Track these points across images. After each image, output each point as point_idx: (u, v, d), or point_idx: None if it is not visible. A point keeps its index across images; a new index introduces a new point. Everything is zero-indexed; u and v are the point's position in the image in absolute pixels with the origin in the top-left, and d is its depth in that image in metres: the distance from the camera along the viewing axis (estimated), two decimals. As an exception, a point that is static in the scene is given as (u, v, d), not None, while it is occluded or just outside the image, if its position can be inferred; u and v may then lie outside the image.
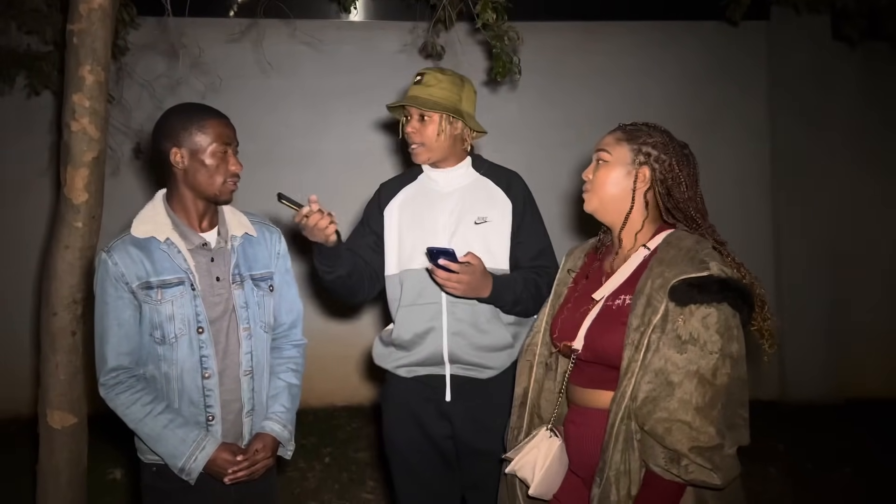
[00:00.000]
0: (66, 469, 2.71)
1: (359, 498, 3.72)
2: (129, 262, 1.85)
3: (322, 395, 4.97)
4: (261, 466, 1.91)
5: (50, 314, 2.67)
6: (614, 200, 1.76)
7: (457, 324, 2.21)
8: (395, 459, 2.34)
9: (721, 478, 1.53)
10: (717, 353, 1.55)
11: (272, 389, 2.02)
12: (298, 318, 2.13)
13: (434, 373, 2.25)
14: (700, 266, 1.61)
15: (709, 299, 1.57)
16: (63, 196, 2.63)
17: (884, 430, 4.56)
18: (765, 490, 3.75)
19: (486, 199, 2.28)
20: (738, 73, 5.34)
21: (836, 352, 5.27)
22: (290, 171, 4.97)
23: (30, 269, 4.64)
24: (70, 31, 2.57)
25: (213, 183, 1.89)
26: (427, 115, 2.23)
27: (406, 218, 2.30)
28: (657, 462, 1.55)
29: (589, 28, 5.22)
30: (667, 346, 1.57)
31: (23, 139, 4.79)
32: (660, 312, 1.59)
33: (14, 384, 4.51)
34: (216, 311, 1.91)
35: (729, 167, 5.28)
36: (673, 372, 1.55)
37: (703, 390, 1.53)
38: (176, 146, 1.88)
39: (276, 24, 4.14)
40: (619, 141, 1.76)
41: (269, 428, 1.95)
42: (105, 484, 3.68)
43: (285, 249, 2.10)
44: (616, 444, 1.59)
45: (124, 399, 1.86)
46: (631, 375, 1.59)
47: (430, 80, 2.26)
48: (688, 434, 1.51)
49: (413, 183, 2.36)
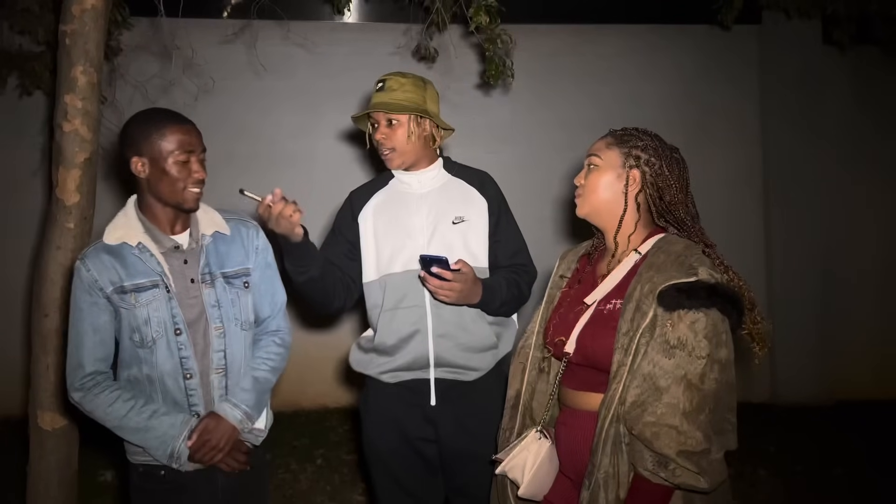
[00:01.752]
0: (57, 471, 2.70)
1: (350, 500, 3.72)
2: (102, 269, 1.84)
3: (314, 397, 4.97)
4: (215, 443, 1.85)
5: (41, 315, 2.67)
6: (606, 204, 1.77)
7: (442, 325, 2.21)
8: (376, 466, 2.32)
9: (708, 482, 1.54)
10: (705, 358, 1.56)
11: None
12: (281, 308, 2.09)
13: (419, 377, 2.24)
14: (689, 271, 1.62)
15: (697, 304, 1.58)
16: (55, 197, 2.62)
17: (874, 431, 4.59)
18: (755, 492, 3.77)
19: (462, 198, 2.29)
20: (729, 76, 5.37)
21: (826, 354, 5.30)
22: (282, 172, 4.97)
23: (21, 271, 4.63)
24: (62, 31, 2.56)
25: (175, 191, 1.85)
26: (395, 118, 2.23)
27: (381, 223, 2.29)
28: (645, 466, 1.56)
29: (582, 31, 5.24)
30: (655, 351, 1.58)
31: (14, 140, 4.78)
32: (648, 317, 1.60)
33: (5, 385, 4.49)
34: (193, 312, 1.89)
35: (720, 170, 5.32)
36: (661, 377, 1.56)
37: (691, 395, 1.54)
38: (137, 154, 1.84)
39: (269, 26, 4.15)
40: (609, 145, 1.77)
41: (219, 407, 1.90)
42: (96, 486, 3.67)
43: (265, 243, 2.05)
44: (605, 447, 1.61)
45: (104, 398, 1.85)
46: (620, 379, 1.61)
47: (392, 84, 2.26)
48: (675, 438, 1.52)
49: (385, 188, 2.35)
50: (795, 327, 5.21)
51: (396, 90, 2.24)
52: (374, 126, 2.28)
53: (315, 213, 4.96)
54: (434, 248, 2.22)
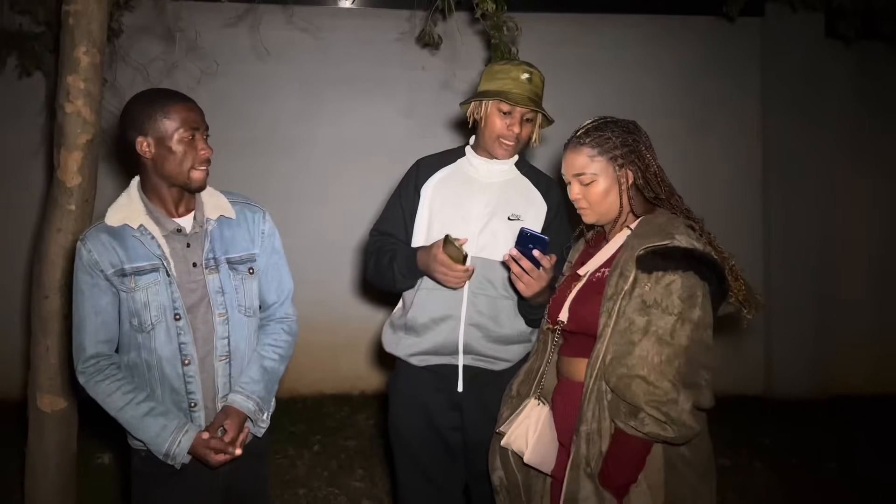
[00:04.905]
0: (56, 453, 2.71)
1: (348, 486, 3.73)
2: (103, 250, 1.82)
3: (311, 383, 4.98)
4: (230, 440, 1.85)
5: (41, 297, 2.66)
6: (609, 206, 1.87)
7: (476, 315, 2.20)
8: (399, 448, 2.33)
9: (675, 431, 1.63)
10: (676, 315, 1.66)
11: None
12: (288, 295, 2.08)
13: (447, 363, 2.24)
14: (666, 237, 1.73)
15: (674, 266, 1.69)
16: (56, 179, 2.61)
17: (868, 425, 4.62)
18: (751, 483, 3.79)
19: (524, 198, 2.27)
20: (732, 68, 5.35)
21: (822, 348, 5.31)
22: (283, 157, 4.97)
23: (21, 252, 4.62)
24: (66, 11, 2.54)
25: (182, 170, 1.83)
26: (531, 116, 2.21)
27: (439, 199, 2.27)
28: (620, 417, 1.67)
29: (584, 21, 5.21)
30: (632, 310, 1.69)
31: (14, 120, 4.75)
32: (629, 281, 1.72)
33: (4, 367, 4.48)
34: (194, 297, 1.87)
35: (721, 162, 5.32)
36: (635, 332, 1.67)
37: (661, 349, 1.65)
38: (141, 135, 1.81)
39: (272, 10, 4.12)
40: (591, 158, 1.85)
41: (231, 399, 1.89)
42: (94, 468, 3.68)
43: (272, 228, 2.03)
44: (589, 402, 1.72)
45: (105, 387, 1.84)
46: (604, 340, 1.72)
47: (536, 80, 2.22)
48: (644, 388, 1.63)
49: (451, 165, 2.32)
50: (792, 321, 5.23)
51: (539, 87, 2.23)
52: (503, 112, 2.19)
53: (314, 197, 4.99)
54: (483, 239, 2.20)
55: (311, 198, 5.00)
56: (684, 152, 5.13)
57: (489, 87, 2.21)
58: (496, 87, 2.19)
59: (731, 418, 4.63)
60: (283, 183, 4.90)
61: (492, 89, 2.19)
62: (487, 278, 2.20)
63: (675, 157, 5.23)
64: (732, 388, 5.16)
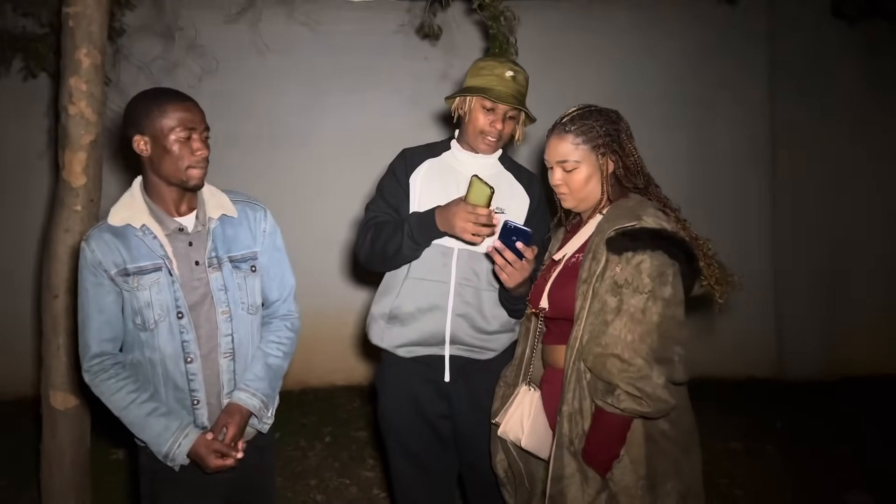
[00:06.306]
0: (70, 449, 2.75)
1: (359, 476, 3.76)
2: (106, 250, 1.84)
3: (322, 375, 5.01)
4: (231, 438, 1.87)
5: (51, 296, 2.70)
6: (589, 193, 1.91)
7: (463, 306, 2.22)
8: (391, 440, 2.36)
9: (650, 406, 1.68)
10: (647, 293, 1.71)
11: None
12: (290, 291, 2.09)
13: (434, 353, 2.26)
14: (634, 218, 1.78)
15: (642, 247, 1.73)
16: (62, 179, 2.64)
17: (880, 407, 4.60)
18: (762, 466, 3.80)
19: (507, 191, 2.29)
20: (737, 51, 5.30)
21: (833, 329, 5.29)
22: (286, 151, 4.97)
23: (31, 252, 4.66)
24: (65, 13, 2.56)
25: (178, 169, 1.83)
26: (513, 114, 2.23)
27: (426, 191, 2.28)
28: (598, 395, 1.72)
29: (588, 6, 5.17)
30: (604, 291, 1.74)
31: (20, 122, 4.78)
32: (602, 263, 1.76)
33: (17, 365, 4.54)
34: (196, 295, 1.89)
35: (727, 145, 5.29)
36: (608, 312, 1.72)
37: (633, 326, 1.69)
38: (139, 133, 1.83)
39: (272, 5, 4.13)
40: (575, 146, 1.88)
41: (236, 396, 1.91)
42: (108, 464, 3.72)
43: (273, 226, 2.04)
44: (570, 383, 1.77)
45: (109, 386, 1.86)
46: (580, 322, 1.76)
47: (520, 79, 2.24)
48: (618, 366, 1.68)
49: (436, 158, 2.33)
50: (802, 303, 5.21)
51: (523, 86, 2.25)
52: (486, 108, 2.21)
53: (318, 190, 5.00)
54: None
55: (317, 190, 5.01)
56: (691, 136, 5.11)
57: (474, 83, 2.22)
58: (480, 83, 2.20)
59: (743, 402, 4.64)
60: (287, 176, 4.91)
61: (476, 85, 2.21)
62: (473, 269, 2.22)
63: (681, 141, 5.24)
64: (744, 372, 5.16)
